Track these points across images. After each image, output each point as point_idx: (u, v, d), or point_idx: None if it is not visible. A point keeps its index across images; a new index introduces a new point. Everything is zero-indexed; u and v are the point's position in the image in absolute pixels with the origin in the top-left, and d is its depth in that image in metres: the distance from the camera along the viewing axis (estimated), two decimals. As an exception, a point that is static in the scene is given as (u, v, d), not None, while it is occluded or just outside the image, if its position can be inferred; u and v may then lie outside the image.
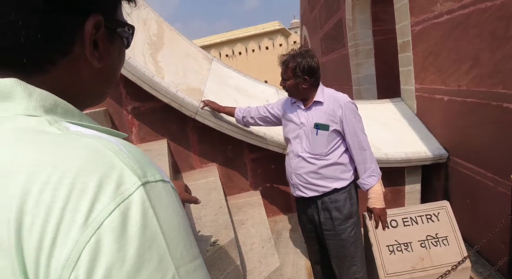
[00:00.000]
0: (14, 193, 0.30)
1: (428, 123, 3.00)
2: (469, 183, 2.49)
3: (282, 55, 1.79)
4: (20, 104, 0.36)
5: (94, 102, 0.50)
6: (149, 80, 2.18)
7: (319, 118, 1.75)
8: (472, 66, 2.32)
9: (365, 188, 1.78)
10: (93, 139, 0.35)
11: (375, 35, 5.06)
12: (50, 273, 0.29)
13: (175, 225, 0.35)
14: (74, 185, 0.30)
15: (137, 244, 0.31)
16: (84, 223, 0.30)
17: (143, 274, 0.31)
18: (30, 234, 0.29)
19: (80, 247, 0.29)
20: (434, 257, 1.99)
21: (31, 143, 0.33)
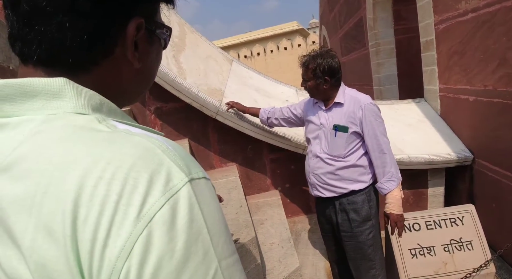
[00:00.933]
0: (69, 187, 0.32)
1: (453, 124, 2.92)
2: (495, 186, 2.41)
3: (303, 56, 1.79)
4: (70, 102, 0.38)
5: (132, 102, 0.52)
6: (171, 81, 2.23)
7: (339, 119, 1.73)
8: (499, 66, 2.25)
9: (383, 193, 1.75)
10: (142, 137, 0.36)
11: (397, 34, 4.96)
12: (104, 263, 0.31)
13: (216, 220, 0.37)
14: (127, 180, 0.32)
15: (185, 237, 0.33)
16: (137, 216, 0.31)
17: (190, 266, 0.33)
18: (85, 225, 0.31)
19: (133, 239, 0.31)
20: (457, 262, 1.94)
21: (83, 140, 0.35)
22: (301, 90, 3.19)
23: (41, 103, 0.37)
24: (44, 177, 0.33)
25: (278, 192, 2.68)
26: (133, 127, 0.40)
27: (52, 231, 0.31)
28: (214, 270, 0.34)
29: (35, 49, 0.39)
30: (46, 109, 0.37)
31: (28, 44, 0.39)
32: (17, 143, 0.35)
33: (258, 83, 2.93)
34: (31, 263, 0.32)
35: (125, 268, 0.31)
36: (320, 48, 1.79)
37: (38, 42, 0.39)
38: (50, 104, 0.37)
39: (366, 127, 1.69)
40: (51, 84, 0.37)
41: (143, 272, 0.31)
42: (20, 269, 0.33)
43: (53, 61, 0.40)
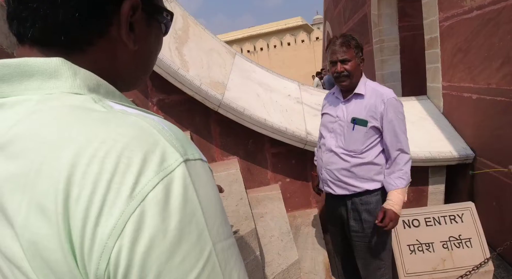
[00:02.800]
0: (62, 166, 0.31)
1: (455, 122, 2.91)
2: (495, 185, 2.41)
3: (334, 37, 1.66)
4: (66, 82, 0.38)
5: (131, 86, 0.51)
6: (174, 73, 2.23)
7: (358, 112, 1.63)
8: (503, 64, 2.24)
9: (388, 188, 1.64)
10: (138, 117, 0.36)
11: (401, 31, 4.93)
12: (95, 242, 0.31)
13: (212, 202, 0.36)
14: (120, 159, 0.32)
15: (179, 217, 0.32)
16: (130, 195, 0.31)
17: (183, 247, 0.32)
18: (77, 204, 0.31)
19: (125, 218, 0.31)
20: (456, 259, 1.95)
21: (78, 119, 0.35)
22: (304, 85, 3.19)
23: (38, 83, 0.37)
24: (38, 156, 0.33)
25: (279, 186, 2.69)
26: (130, 108, 0.40)
27: (45, 209, 0.31)
28: (208, 252, 0.34)
29: (29, 27, 0.39)
30: (43, 89, 0.37)
31: (23, 23, 0.39)
32: (13, 122, 0.35)
33: (261, 77, 2.92)
34: (23, 241, 0.32)
35: (116, 247, 0.31)
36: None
37: (32, 20, 0.39)
38: (47, 84, 0.37)
39: (386, 123, 1.60)
40: (47, 64, 0.37)
41: (135, 251, 0.31)
42: (14, 247, 0.33)
43: (47, 40, 0.40)
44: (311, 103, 2.82)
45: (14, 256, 0.33)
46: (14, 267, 0.33)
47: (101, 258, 0.31)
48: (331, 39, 1.66)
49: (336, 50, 1.61)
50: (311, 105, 2.80)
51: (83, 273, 0.32)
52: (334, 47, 1.63)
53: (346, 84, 1.65)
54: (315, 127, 2.56)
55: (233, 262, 0.37)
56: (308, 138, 2.46)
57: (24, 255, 0.32)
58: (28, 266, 0.32)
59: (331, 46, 1.64)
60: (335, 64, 1.63)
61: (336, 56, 1.61)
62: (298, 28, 24.97)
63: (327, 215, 1.96)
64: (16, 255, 0.33)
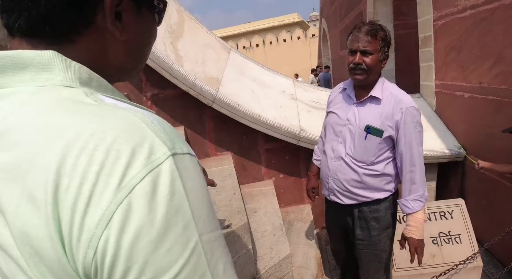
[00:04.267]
0: (53, 157, 0.32)
1: (447, 120, 2.95)
2: (485, 182, 2.45)
3: (361, 23, 1.45)
4: (58, 75, 0.38)
5: (125, 78, 0.51)
6: (168, 68, 2.22)
7: (373, 119, 1.45)
8: (495, 63, 2.26)
9: (405, 212, 1.51)
10: (128, 111, 0.37)
11: (396, 29, 4.96)
12: (84, 231, 0.32)
13: (199, 195, 0.37)
14: (109, 152, 0.32)
15: (166, 209, 0.33)
16: (117, 186, 0.32)
17: (170, 237, 0.33)
18: (66, 194, 0.32)
19: (113, 208, 0.31)
20: (445, 255, 1.98)
21: (69, 112, 0.35)
22: (298, 82, 3.20)
23: (31, 75, 0.38)
24: (29, 147, 0.33)
25: (272, 182, 2.70)
26: (121, 102, 0.41)
27: (35, 199, 0.32)
28: (194, 243, 0.35)
29: (15, 19, 0.39)
30: (36, 81, 0.37)
31: (10, 14, 0.39)
32: (5, 113, 0.36)
33: (256, 73, 2.92)
34: (14, 229, 0.33)
35: (104, 236, 0.31)
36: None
37: (18, 12, 0.39)
38: (40, 76, 0.38)
39: (403, 135, 1.43)
40: (40, 57, 0.38)
41: (122, 241, 0.32)
42: (5, 234, 0.33)
43: (34, 31, 0.40)
44: (305, 100, 2.84)
45: (5, 244, 0.34)
46: (6, 254, 0.34)
47: (88, 247, 0.32)
48: (357, 25, 1.45)
49: (359, 37, 1.40)
50: (305, 102, 2.81)
51: (71, 261, 0.33)
52: (358, 33, 1.41)
53: (361, 78, 1.44)
54: (309, 123, 2.58)
55: (219, 253, 0.38)
56: (301, 134, 2.47)
57: (15, 243, 0.33)
58: (19, 254, 0.33)
59: (355, 32, 1.43)
60: (354, 54, 1.42)
61: (358, 45, 1.40)
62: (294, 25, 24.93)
63: (328, 223, 1.83)
64: (7, 243, 0.34)
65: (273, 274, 1.66)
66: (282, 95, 2.83)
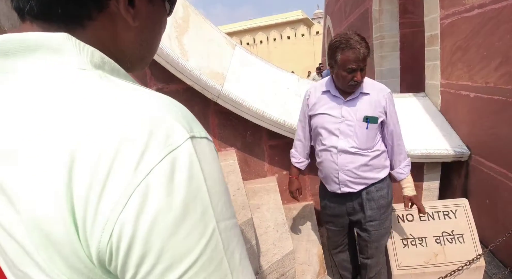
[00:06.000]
0: (67, 138, 0.32)
1: (452, 119, 2.93)
2: (489, 183, 2.44)
3: (349, 38, 1.53)
4: (71, 57, 0.37)
5: (135, 67, 0.50)
6: (174, 62, 2.22)
7: (368, 110, 1.64)
8: (502, 63, 2.25)
9: (401, 178, 1.79)
10: (144, 93, 0.36)
11: (402, 28, 4.93)
12: (99, 214, 0.31)
13: (217, 180, 0.36)
14: (125, 134, 0.32)
15: (184, 193, 0.32)
16: (134, 169, 0.31)
17: (188, 223, 0.33)
18: (81, 176, 0.31)
19: (129, 192, 0.31)
20: (448, 254, 1.98)
21: (83, 94, 0.35)
22: (303, 79, 3.19)
23: (42, 58, 0.37)
24: (43, 130, 0.33)
25: (275, 178, 2.70)
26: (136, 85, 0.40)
27: (49, 181, 0.31)
28: (211, 230, 0.34)
29: (27, 1, 0.38)
30: (47, 64, 0.37)
31: None
32: (18, 95, 0.35)
33: (260, 69, 2.91)
34: (23, 212, 0.32)
35: (120, 220, 0.31)
36: (344, 32, 1.61)
37: None
38: (51, 59, 0.37)
39: (389, 116, 1.69)
40: (51, 39, 0.37)
41: (139, 225, 0.31)
42: (10, 217, 0.33)
43: (46, 15, 0.39)
44: (310, 97, 2.82)
45: (10, 228, 0.33)
46: (11, 238, 0.34)
47: (104, 231, 0.31)
48: (347, 38, 1.53)
49: (359, 58, 1.52)
50: (310, 99, 2.80)
51: (84, 246, 0.32)
52: (354, 53, 1.51)
53: (354, 89, 1.65)
54: (313, 120, 2.57)
55: (236, 242, 0.38)
56: (306, 131, 2.46)
57: (23, 227, 0.32)
58: (26, 238, 0.32)
59: (349, 49, 1.51)
60: (354, 72, 1.55)
61: (358, 64, 1.54)
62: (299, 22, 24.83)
63: (330, 217, 1.90)
64: (13, 227, 0.33)
65: (276, 270, 1.67)
66: (287, 92, 2.82)
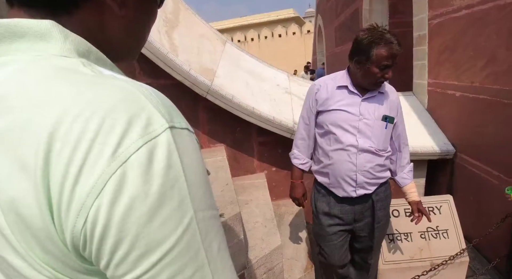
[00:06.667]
0: (47, 121, 0.32)
1: (438, 118, 2.99)
2: (474, 180, 2.49)
3: (386, 34, 1.45)
4: (56, 45, 0.37)
5: (122, 57, 0.50)
6: (163, 57, 2.20)
7: (386, 110, 1.58)
8: (488, 63, 2.29)
9: (405, 184, 1.72)
10: (126, 82, 0.36)
11: (391, 28, 4.99)
12: (74, 199, 0.31)
13: (196, 172, 0.37)
14: (105, 120, 0.32)
15: (161, 182, 0.32)
16: (111, 155, 0.31)
17: (164, 211, 0.33)
18: (58, 160, 0.31)
19: (105, 177, 0.31)
20: (433, 249, 2.02)
21: (66, 80, 0.34)
22: (293, 76, 3.20)
23: (28, 44, 0.37)
24: (24, 113, 0.33)
25: (264, 175, 2.71)
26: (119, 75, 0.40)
27: (26, 163, 0.31)
28: (188, 219, 0.34)
29: None
30: (33, 50, 0.37)
31: None
32: (1, 81, 0.35)
33: (251, 66, 2.92)
34: (2, 196, 0.32)
35: (95, 206, 0.31)
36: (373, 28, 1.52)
37: None
38: (37, 46, 0.37)
39: (399, 118, 1.65)
40: (38, 26, 0.37)
41: (114, 211, 0.31)
42: None
43: (32, 1, 0.39)
44: (299, 94, 2.84)
45: None
46: None
47: (78, 216, 0.31)
48: (381, 34, 1.45)
49: (395, 54, 1.44)
50: (299, 96, 2.82)
51: (59, 230, 0.32)
52: (392, 49, 1.43)
53: (378, 87, 1.57)
54: (302, 117, 2.58)
55: (214, 233, 0.38)
56: (295, 128, 2.47)
57: (1, 210, 0.32)
58: (3, 221, 0.33)
59: (386, 45, 1.43)
60: (387, 69, 1.46)
61: (393, 61, 1.45)
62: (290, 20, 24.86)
63: (327, 230, 1.72)
64: None
65: (264, 264, 1.68)
66: (277, 89, 2.83)
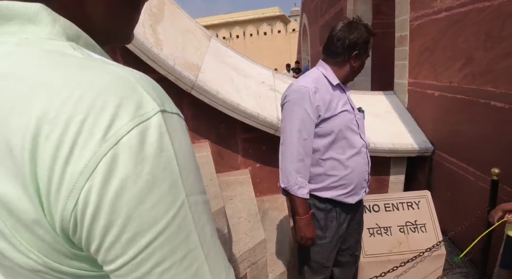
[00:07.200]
0: (35, 105, 0.31)
1: (418, 117, 3.08)
2: (451, 176, 2.58)
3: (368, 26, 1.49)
4: (45, 28, 0.37)
5: (111, 40, 0.48)
6: (147, 51, 2.18)
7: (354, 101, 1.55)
8: (465, 64, 2.38)
9: None
10: (116, 66, 0.36)
11: (374, 28, 5.02)
12: (64, 181, 0.31)
13: (187, 156, 0.37)
14: (95, 102, 0.31)
15: (153, 163, 0.33)
16: (102, 137, 0.31)
17: (156, 193, 0.33)
18: (46, 141, 0.30)
19: (97, 159, 0.31)
20: (411, 242, 2.09)
21: (55, 63, 0.34)
22: (278, 73, 3.22)
23: (17, 27, 0.36)
24: (13, 95, 0.32)
25: (249, 171, 2.72)
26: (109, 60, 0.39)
27: (12, 145, 0.31)
28: (180, 202, 0.34)
29: None
30: (21, 33, 0.36)
31: None
32: None
33: (236, 62, 2.92)
34: None
35: (86, 187, 0.31)
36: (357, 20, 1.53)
37: None
38: (25, 29, 0.36)
39: None
40: (27, 8, 0.36)
41: (105, 193, 0.31)
42: None
43: None
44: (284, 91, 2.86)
45: None
46: None
47: (69, 198, 0.31)
48: (368, 29, 1.50)
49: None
50: (284, 93, 2.84)
51: (47, 214, 0.32)
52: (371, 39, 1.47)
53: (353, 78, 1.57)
54: (287, 114, 2.61)
55: (206, 218, 0.38)
56: (279, 124, 2.50)
57: None
58: None
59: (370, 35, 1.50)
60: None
61: (370, 44, 1.49)
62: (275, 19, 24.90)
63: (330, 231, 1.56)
64: None
65: (247, 258, 1.69)
66: (262, 86, 2.85)
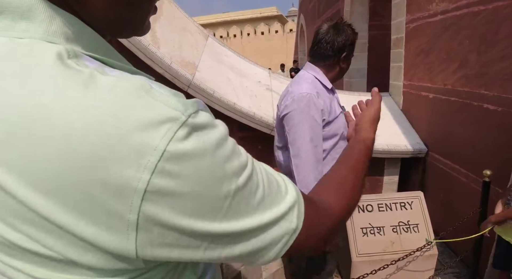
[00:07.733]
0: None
1: (412, 118, 3.11)
2: (444, 178, 2.61)
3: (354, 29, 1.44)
4: (40, 26, 0.32)
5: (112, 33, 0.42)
6: (144, 49, 2.18)
7: None
8: (460, 67, 2.40)
9: None
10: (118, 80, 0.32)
11: (371, 30, 5.11)
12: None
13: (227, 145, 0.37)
14: (109, 133, 0.29)
15: (213, 138, 0.34)
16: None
17: (235, 162, 0.35)
18: None
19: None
20: (404, 242, 2.11)
21: (44, 79, 0.30)
22: (274, 73, 3.23)
23: (7, 22, 0.32)
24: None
25: (244, 170, 2.73)
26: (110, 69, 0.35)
27: None
28: (250, 161, 0.39)
29: None
30: (12, 30, 0.32)
31: None
32: None
33: (233, 62, 2.93)
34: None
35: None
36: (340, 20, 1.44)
37: None
38: (17, 25, 0.32)
39: None
40: (19, 1, 0.32)
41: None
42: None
43: None
44: (280, 91, 2.87)
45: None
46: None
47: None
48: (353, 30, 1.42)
49: None
50: (280, 93, 2.85)
51: None
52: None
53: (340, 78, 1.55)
54: (283, 114, 2.62)
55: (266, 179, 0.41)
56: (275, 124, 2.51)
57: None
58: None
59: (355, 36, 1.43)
60: None
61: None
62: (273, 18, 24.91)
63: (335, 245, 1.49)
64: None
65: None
66: (258, 85, 2.86)
